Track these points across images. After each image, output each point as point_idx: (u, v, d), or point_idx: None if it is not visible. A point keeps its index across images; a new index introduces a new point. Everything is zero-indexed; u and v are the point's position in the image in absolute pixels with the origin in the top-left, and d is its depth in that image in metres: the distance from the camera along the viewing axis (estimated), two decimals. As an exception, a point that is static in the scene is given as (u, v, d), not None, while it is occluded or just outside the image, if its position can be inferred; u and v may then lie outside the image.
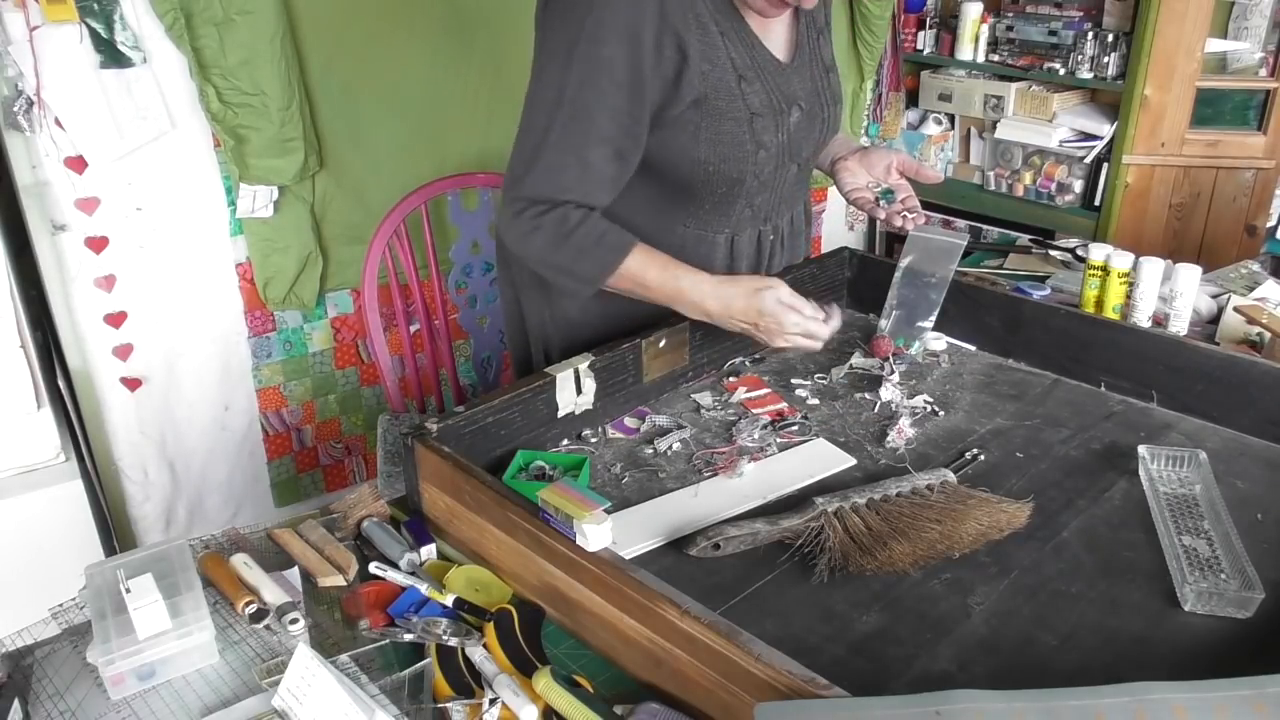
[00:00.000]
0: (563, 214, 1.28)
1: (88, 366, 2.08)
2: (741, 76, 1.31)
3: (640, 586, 0.92)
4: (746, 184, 1.38)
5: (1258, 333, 1.66)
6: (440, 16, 2.28)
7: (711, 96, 1.29)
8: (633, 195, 1.36)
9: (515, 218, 1.30)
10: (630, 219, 1.35)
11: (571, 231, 1.28)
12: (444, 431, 1.17)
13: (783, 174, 1.43)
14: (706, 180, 1.35)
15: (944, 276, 1.55)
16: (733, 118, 1.31)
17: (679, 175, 1.35)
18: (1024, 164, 3.32)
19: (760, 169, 1.37)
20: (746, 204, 1.42)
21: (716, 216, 1.42)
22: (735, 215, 1.42)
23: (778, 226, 1.52)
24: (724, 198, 1.39)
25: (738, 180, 1.37)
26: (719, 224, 1.43)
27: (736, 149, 1.33)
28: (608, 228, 1.31)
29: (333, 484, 2.56)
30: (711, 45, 1.28)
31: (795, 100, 1.38)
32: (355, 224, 2.29)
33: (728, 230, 1.44)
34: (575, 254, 1.30)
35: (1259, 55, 3.03)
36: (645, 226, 1.37)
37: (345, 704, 0.86)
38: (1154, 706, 0.73)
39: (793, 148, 1.41)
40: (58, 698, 0.96)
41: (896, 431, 1.32)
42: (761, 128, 1.34)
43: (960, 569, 1.08)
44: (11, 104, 1.84)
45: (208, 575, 1.09)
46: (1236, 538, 1.08)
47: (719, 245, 1.45)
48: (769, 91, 1.34)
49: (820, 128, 1.45)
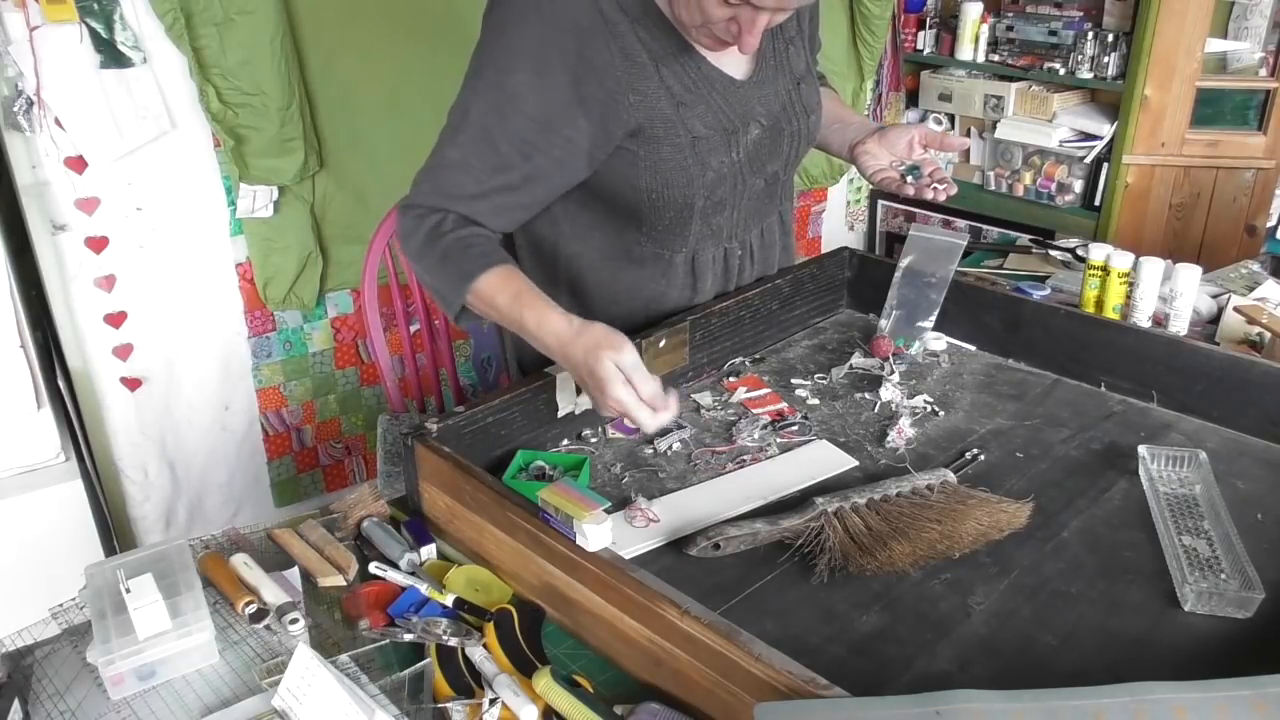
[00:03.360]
0: (440, 218, 1.23)
1: (88, 366, 2.08)
2: (680, 102, 1.27)
3: (640, 586, 0.92)
4: (697, 206, 1.34)
5: (1258, 333, 1.66)
6: (440, 16, 2.28)
7: (646, 126, 1.26)
8: (585, 218, 1.35)
9: (401, 218, 1.27)
10: (585, 240, 1.36)
11: (441, 236, 1.23)
12: (444, 431, 1.17)
13: (743, 191, 1.39)
14: (652, 206, 1.33)
15: (944, 276, 1.55)
16: (671, 144, 1.28)
17: (624, 202, 1.33)
18: (1024, 164, 3.32)
19: (712, 190, 1.34)
20: (703, 224, 1.38)
21: (671, 237, 1.38)
22: (691, 235, 1.39)
23: (745, 241, 1.49)
24: (675, 220, 1.36)
25: (685, 204, 1.33)
26: (675, 244, 1.40)
27: (679, 174, 1.30)
28: (480, 242, 1.23)
29: (333, 484, 2.56)
30: (640, 75, 1.25)
31: (753, 117, 1.34)
32: (355, 224, 2.29)
33: (685, 249, 1.41)
34: (440, 260, 1.23)
35: (1259, 55, 3.03)
36: (601, 248, 1.37)
37: (345, 704, 0.86)
38: (1154, 706, 0.73)
39: (754, 165, 1.37)
40: (58, 698, 0.96)
41: (896, 431, 1.32)
42: (707, 150, 1.30)
43: (960, 569, 1.08)
44: (11, 104, 1.84)
45: (208, 575, 1.09)
46: (1236, 538, 1.08)
47: (677, 265, 1.42)
48: (716, 112, 1.31)
49: (790, 141, 1.41)
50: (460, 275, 1.21)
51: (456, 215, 1.24)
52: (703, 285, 1.46)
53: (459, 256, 1.22)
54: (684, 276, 1.44)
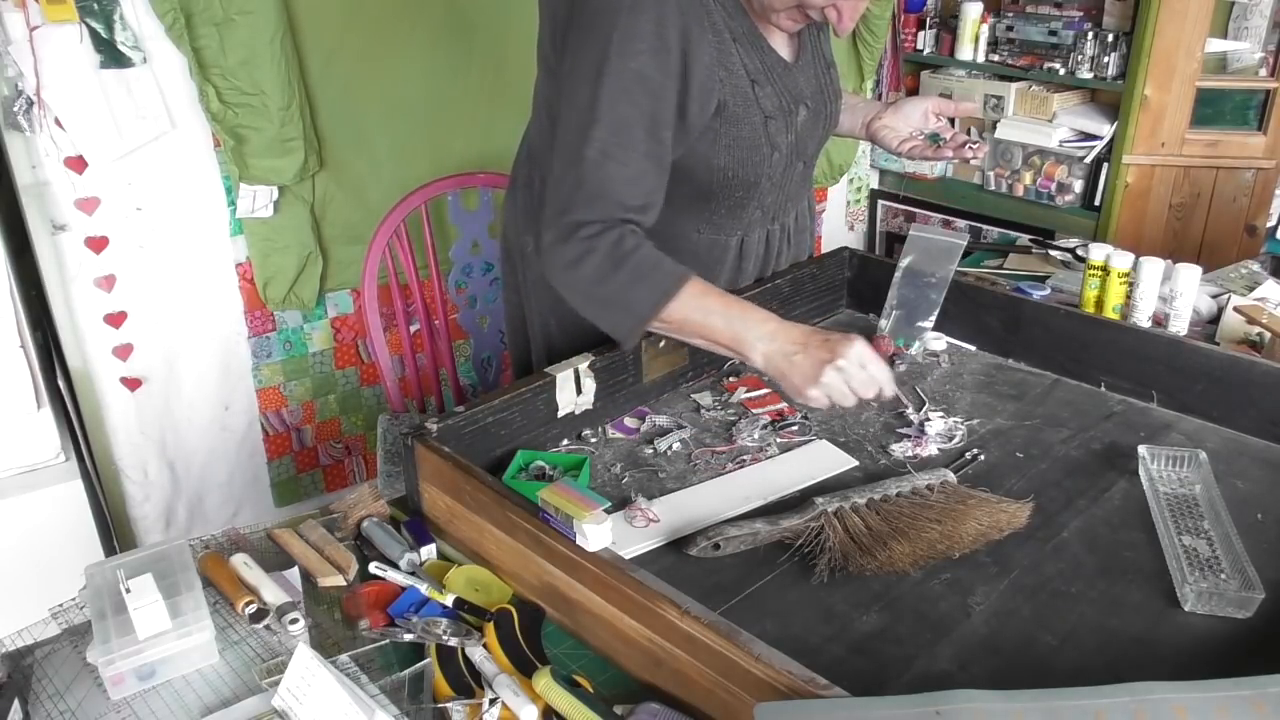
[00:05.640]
0: (619, 235, 1.21)
1: (88, 366, 2.08)
2: (754, 80, 1.31)
3: (640, 586, 0.92)
4: (760, 186, 1.38)
5: (1258, 333, 1.65)
6: (440, 16, 2.28)
7: (729, 103, 1.29)
8: None
9: (563, 243, 1.21)
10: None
11: (629, 255, 1.20)
12: (444, 431, 1.17)
13: (790, 172, 1.43)
14: (724, 185, 1.35)
15: (944, 276, 1.55)
16: (749, 122, 1.31)
17: (698, 182, 1.34)
18: (1024, 164, 3.32)
19: (774, 170, 1.38)
20: (758, 205, 1.42)
21: (730, 220, 1.42)
22: (747, 217, 1.43)
23: (784, 224, 1.53)
24: (739, 201, 1.39)
25: (753, 184, 1.37)
26: (731, 227, 1.43)
27: (753, 153, 1.33)
28: (664, 256, 1.23)
29: (333, 484, 2.56)
30: (726, 52, 1.28)
31: (802, 99, 1.38)
32: (355, 224, 2.29)
33: (739, 232, 1.45)
34: (631, 280, 1.21)
35: (1259, 55, 3.03)
36: (657, 235, 1.36)
37: (345, 704, 0.86)
38: (1154, 706, 0.73)
39: (800, 146, 1.41)
40: (58, 698, 0.96)
41: (915, 444, 1.30)
42: (775, 130, 1.34)
43: (960, 569, 1.08)
44: (11, 104, 1.84)
45: (208, 575, 1.09)
46: (1236, 538, 1.08)
47: (730, 248, 1.46)
48: (779, 93, 1.34)
49: (824, 124, 1.46)
50: (662, 293, 1.21)
51: (630, 227, 1.23)
52: (746, 267, 1.49)
53: (651, 274, 1.22)
54: (733, 259, 1.47)
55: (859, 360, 1.16)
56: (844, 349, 1.16)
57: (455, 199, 2.07)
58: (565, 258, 1.22)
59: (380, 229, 1.92)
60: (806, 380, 1.17)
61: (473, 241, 2.11)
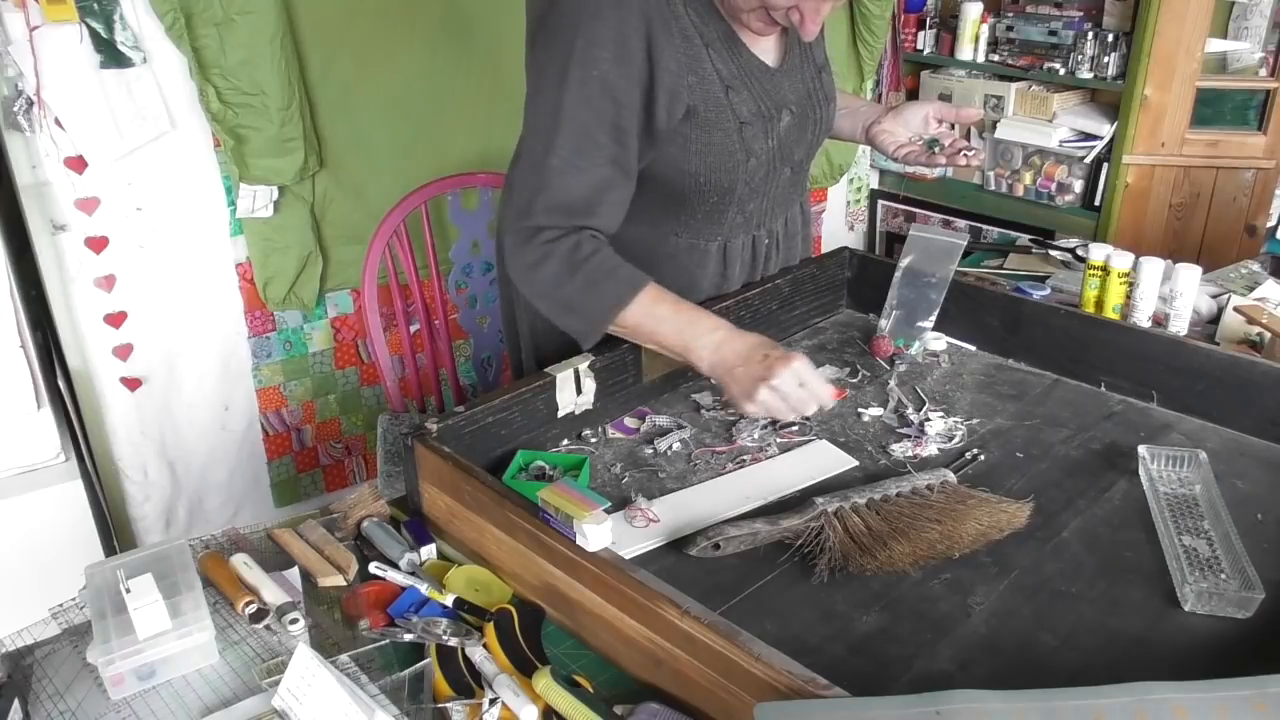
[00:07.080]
0: (576, 241, 1.23)
1: (88, 366, 2.08)
2: (728, 86, 1.30)
3: (640, 586, 0.92)
4: (738, 192, 1.37)
5: (1258, 333, 1.66)
6: (440, 16, 2.28)
7: (700, 108, 1.28)
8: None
9: (523, 246, 1.25)
10: (620, 236, 1.35)
11: (584, 261, 1.23)
12: (444, 431, 1.17)
13: (774, 179, 1.42)
14: (697, 191, 1.34)
15: (944, 276, 1.55)
16: (721, 128, 1.30)
17: (670, 188, 1.34)
18: (1024, 164, 3.32)
19: (751, 176, 1.36)
20: (738, 211, 1.41)
21: (708, 225, 1.41)
22: (727, 223, 1.42)
23: (772, 230, 1.52)
24: (715, 207, 1.38)
25: (728, 190, 1.36)
26: (711, 232, 1.42)
27: (726, 159, 1.32)
28: (621, 263, 1.26)
29: (333, 484, 2.56)
30: (696, 57, 1.27)
31: (785, 104, 1.37)
32: (355, 224, 2.29)
33: (720, 238, 1.43)
34: (585, 285, 1.24)
35: (1259, 55, 3.03)
36: (638, 240, 1.37)
37: (345, 704, 0.86)
38: (1154, 706, 0.73)
39: (784, 152, 1.40)
40: (58, 698, 0.96)
41: (915, 444, 1.30)
42: (751, 136, 1.33)
43: (960, 569, 1.08)
44: (11, 104, 1.84)
45: (208, 575, 1.09)
46: (1236, 538, 1.08)
47: (711, 253, 1.44)
48: (757, 98, 1.33)
49: (812, 129, 1.44)
50: (615, 298, 1.24)
51: (589, 233, 1.24)
52: (731, 274, 1.48)
53: (606, 280, 1.24)
54: (716, 265, 1.46)
55: (795, 379, 1.18)
56: (780, 369, 1.18)
57: (455, 199, 2.07)
58: (525, 261, 1.25)
59: (380, 229, 1.91)
60: (743, 395, 1.21)
61: (473, 241, 2.11)
